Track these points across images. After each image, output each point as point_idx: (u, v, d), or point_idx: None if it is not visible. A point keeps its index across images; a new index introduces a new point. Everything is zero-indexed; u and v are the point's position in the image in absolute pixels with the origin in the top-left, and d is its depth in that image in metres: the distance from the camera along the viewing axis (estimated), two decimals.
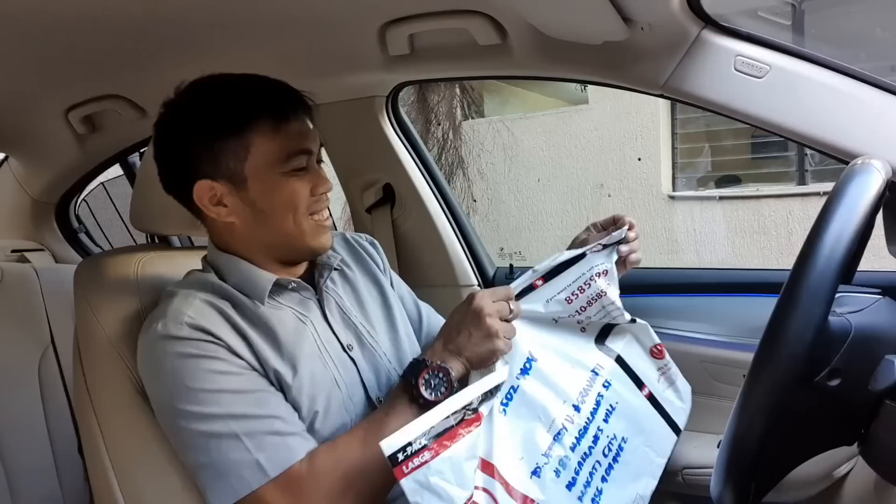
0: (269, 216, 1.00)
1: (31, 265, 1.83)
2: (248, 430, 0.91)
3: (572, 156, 6.44)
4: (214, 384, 0.93)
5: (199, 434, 0.92)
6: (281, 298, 1.04)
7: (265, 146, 0.98)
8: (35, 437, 1.65)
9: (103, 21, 1.13)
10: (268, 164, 0.98)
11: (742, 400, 0.74)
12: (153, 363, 0.97)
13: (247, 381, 0.95)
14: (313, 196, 1.01)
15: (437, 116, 6.48)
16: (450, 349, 0.95)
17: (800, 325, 0.70)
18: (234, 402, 0.92)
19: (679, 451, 1.35)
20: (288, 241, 1.03)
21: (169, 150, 1.03)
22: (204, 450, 0.92)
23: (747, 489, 0.76)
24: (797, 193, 5.49)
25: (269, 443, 0.91)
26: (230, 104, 0.98)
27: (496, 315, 0.95)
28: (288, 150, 0.98)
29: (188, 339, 0.94)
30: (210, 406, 0.92)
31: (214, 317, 0.97)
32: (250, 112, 0.97)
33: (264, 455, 0.90)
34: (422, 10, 1.15)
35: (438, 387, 0.93)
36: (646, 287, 1.49)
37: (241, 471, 0.90)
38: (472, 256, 1.70)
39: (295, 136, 0.99)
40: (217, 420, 0.92)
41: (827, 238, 0.71)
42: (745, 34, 1.06)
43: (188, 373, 0.93)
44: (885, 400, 0.75)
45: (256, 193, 0.99)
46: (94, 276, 1.15)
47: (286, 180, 0.99)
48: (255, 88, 1.00)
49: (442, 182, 1.71)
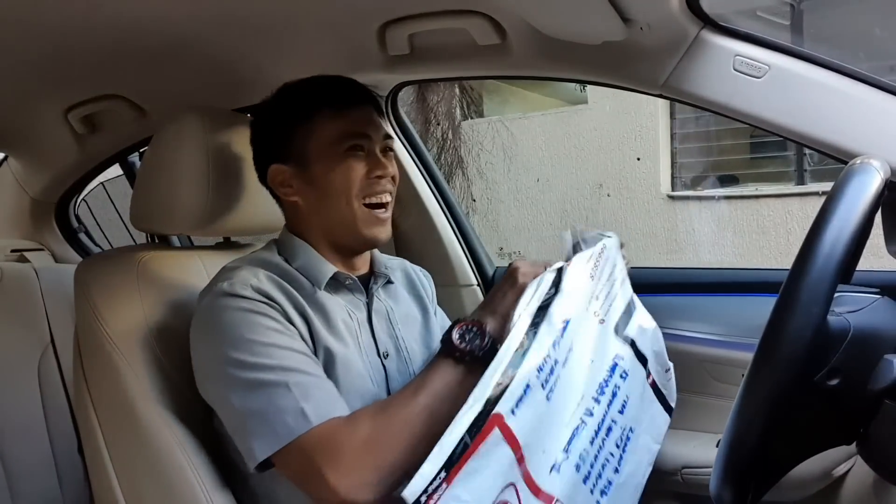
0: (326, 196, 1.08)
1: (31, 265, 1.83)
2: (297, 381, 0.94)
3: (571, 156, 6.44)
4: (270, 339, 0.97)
5: (250, 382, 0.95)
6: (338, 293, 1.10)
7: (327, 128, 1.08)
8: (35, 437, 1.65)
9: (103, 21, 1.13)
10: (328, 143, 1.07)
11: (741, 399, 0.75)
12: (211, 316, 1.01)
13: (299, 344, 0.99)
14: (368, 178, 1.07)
15: (437, 116, 6.47)
16: (486, 310, 1.01)
17: (799, 325, 0.71)
18: (286, 357, 0.96)
19: (678, 450, 1.35)
20: (343, 225, 1.09)
21: (254, 139, 1.15)
22: (253, 397, 0.94)
23: (746, 488, 0.76)
24: (796, 193, 5.49)
25: (315, 395, 0.94)
26: (300, 94, 1.11)
27: (531, 274, 0.98)
28: (346, 130, 1.07)
29: (250, 299, 0.99)
30: (263, 357, 0.95)
31: (276, 288, 1.03)
32: (316, 100, 1.09)
33: (310, 405, 0.93)
34: (421, 9, 1.15)
35: (473, 339, 0.97)
36: (645, 287, 1.48)
37: (285, 417, 0.92)
38: (471, 256, 1.70)
39: (354, 121, 1.08)
40: (269, 370, 0.95)
41: (826, 238, 0.72)
42: (744, 34, 1.06)
43: (246, 325, 0.97)
44: (883, 399, 0.76)
45: (317, 172, 1.08)
46: (94, 275, 1.15)
47: (343, 159, 1.07)
48: (323, 82, 1.12)
49: (441, 182, 1.71)
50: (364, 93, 1.12)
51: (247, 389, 0.95)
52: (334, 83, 1.12)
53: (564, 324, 0.91)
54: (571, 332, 0.93)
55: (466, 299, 1.66)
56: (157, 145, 1.22)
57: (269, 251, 1.13)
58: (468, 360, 0.96)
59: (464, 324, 0.98)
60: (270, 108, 1.13)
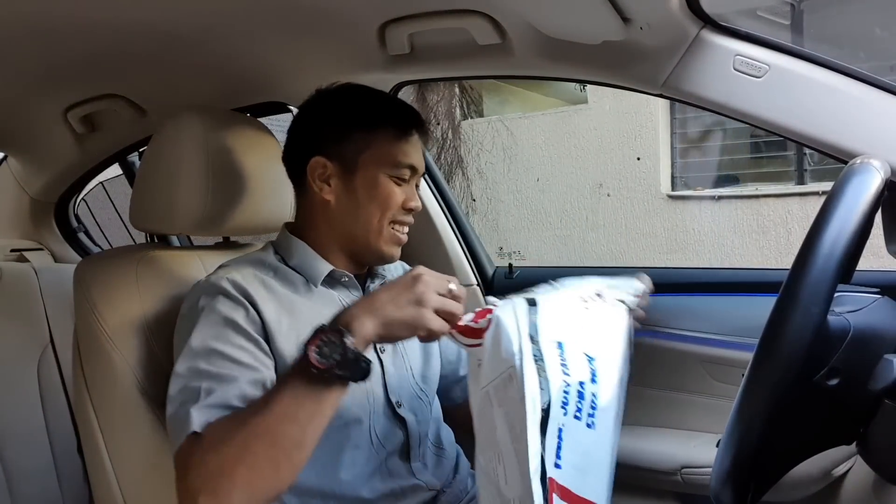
0: (361, 207, 1.09)
1: (31, 265, 1.83)
2: (209, 388, 0.92)
3: (571, 155, 6.44)
4: (215, 343, 0.96)
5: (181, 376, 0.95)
6: (332, 288, 1.11)
7: (385, 147, 1.09)
8: (34, 437, 1.65)
9: (103, 21, 1.13)
10: (381, 162, 1.09)
11: (741, 399, 0.74)
12: (185, 308, 1.05)
13: (244, 354, 0.97)
14: (404, 207, 1.11)
15: (437, 116, 6.48)
16: (366, 307, 0.89)
17: (799, 325, 0.70)
18: (220, 364, 0.95)
19: (678, 450, 1.35)
20: (366, 237, 1.10)
21: (302, 126, 1.16)
22: (176, 396, 0.95)
23: (746, 488, 0.76)
24: (796, 193, 5.49)
25: (210, 406, 0.91)
26: (369, 101, 1.14)
27: (434, 287, 0.90)
28: (400, 158, 1.10)
29: (223, 294, 1.00)
30: (201, 356, 0.96)
31: (259, 286, 1.04)
32: (384, 113, 1.12)
33: (198, 410, 0.91)
34: (421, 9, 1.15)
35: (332, 353, 0.85)
36: None
37: (178, 421, 0.92)
38: (471, 256, 1.70)
39: (409, 151, 1.11)
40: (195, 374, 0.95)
41: (826, 237, 0.72)
42: (744, 34, 1.05)
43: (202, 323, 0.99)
44: (883, 399, 0.76)
45: (360, 183, 1.09)
46: (93, 275, 1.15)
47: (388, 182, 1.09)
48: (392, 101, 1.19)
49: (441, 181, 1.71)
50: (423, 126, 1.15)
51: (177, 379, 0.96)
52: (403, 105, 1.16)
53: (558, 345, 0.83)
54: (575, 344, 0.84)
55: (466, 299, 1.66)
56: (156, 145, 1.22)
57: (265, 252, 1.14)
58: (326, 377, 0.86)
59: (324, 335, 0.86)
60: (330, 102, 1.14)
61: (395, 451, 1.08)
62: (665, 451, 1.36)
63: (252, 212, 1.25)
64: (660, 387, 1.43)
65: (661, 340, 1.39)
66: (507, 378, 0.82)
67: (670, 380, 1.40)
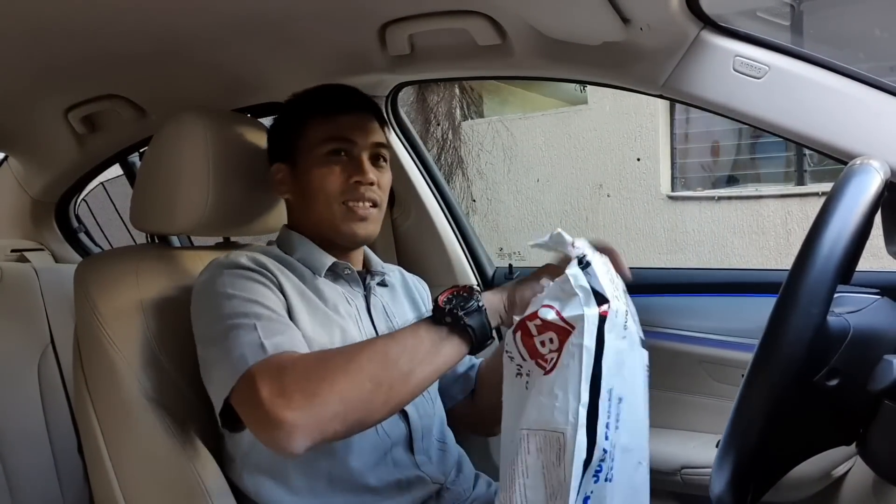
0: (309, 196, 1.13)
1: (31, 265, 1.83)
2: (265, 324, 0.96)
3: (571, 156, 6.44)
4: (254, 294, 0.99)
5: (226, 329, 0.96)
6: (335, 281, 1.14)
7: (314, 130, 1.13)
8: (34, 437, 1.65)
9: (103, 21, 1.13)
10: (312, 146, 1.12)
11: (741, 400, 0.75)
12: (206, 285, 1.04)
13: (280, 302, 1.02)
14: (348, 183, 1.10)
15: (437, 116, 6.48)
16: (496, 289, 0.97)
17: (798, 325, 0.71)
18: (262, 307, 0.98)
19: (678, 450, 1.35)
20: (323, 222, 1.13)
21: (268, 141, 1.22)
22: (225, 342, 0.95)
23: (746, 489, 0.76)
24: (796, 194, 5.49)
25: (279, 333, 0.95)
26: (300, 99, 1.18)
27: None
28: (330, 134, 1.11)
29: (246, 268, 1.03)
30: (242, 307, 0.98)
31: (276, 266, 1.07)
32: (311, 103, 1.16)
33: (270, 341, 0.93)
34: (421, 10, 1.15)
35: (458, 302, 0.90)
36: (645, 287, 1.49)
37: (244, 351, 0.92)
38: (471, 256, 1.70)
39: (340, 126, 1.12)
40: (243, 317, 0.96)
41: (826, 238, 0.72)
42: (743, 35, 1.06)
43: (234, 283, 1.01)
44: (883, 400, 0.75)
45: (301, 170, 1.13)
46: (94, 275, 1.15)
47: (325, 161, 1.11)
48: (322, 89, 1.18)
49: (441, 182, 1.71)
50: (358, 100, 1.16)
51: (223, 337, 0.96)
52: (331, 90, 1.18)
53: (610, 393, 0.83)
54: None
55: None
56: (157, 145, 1.22)
57: (270, 248, 1.18)
58: (448, 321, 0.90)
59: (456, 288, 0.94)
60: (278, 112, 1.22)
61: (399, 442, 1.08)
62: (665, 452, 1.36)
63: (252, 212, 1.25)
64: (660, 387, 1.42)
65: (661, 340, 1.39)
66: (555, 440, 0.82)
67: (670, 380, 1.40)
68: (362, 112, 1.15)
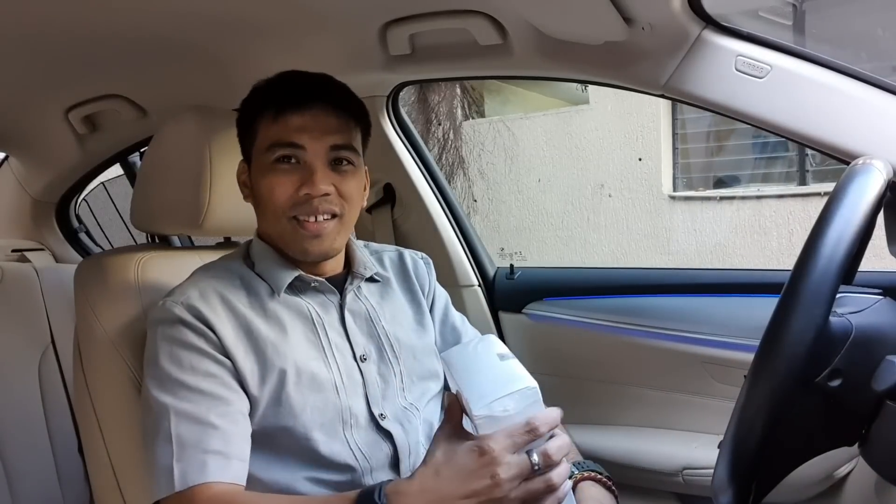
0: (259, 203, 1.03)
1: (32, 265, 1.83)
2: (185, 432, 0.90)
3: (573, 156, 6.44)
4: (182, 374, 0.93)
5: (151, 423, 0.93)
6: (304, 295, 1.04)
7: (263, 132, 1.01)
8: (35, 437, 1.65)
9: (103, 21, 1.13)
10: (260, 150, 1.01)
11: (743, 400, 0.74)
12: (148, 342, 1.00)
13: (210, 383, 0.93)
14: (297, 194, 0.97)
15: (438, 116, 6.48)
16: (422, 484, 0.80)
17: (801, 326, 0.70)
18: (185, 406, 0.92)
19: (679, 451, 1.35)
20: (276, 238, 1.03)
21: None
22: (148, 436, 0.93)
23: (748, 490, 0.76)
24: (798, 194, 5.49)
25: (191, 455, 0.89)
26: (252, 95, 1.04)
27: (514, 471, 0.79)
28: (275, 139, 0.98)
29: (183, 323, 0.96)
30: (165, 398, 0.92)
31: (219, 304, 0.98)
32: (260, 101, 1.02)
33: (180, 466, 0.89)
34: (422, 10, 1.15)
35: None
36: (646, 287, 1.49)
37: (160, 471, 0.90)
38: (472, 256, 1.70)
39: (288, 128, 0.97)
40: (164, 416, 0.91)
41: (828, 238, 0.71)
42: (746, 34, 1.05)
43: (167, 351, 0.95)
44: (885, 400, 0.75)
45: (253, 178, 1.03)
46: (94, 275, 1.15)
47: (271, 170, 0.99)
48: (274, 81, 1.02)
49: (442, 182, 1.71)
50: (317, 93, 0.99)
51: (148, 433, 0.93)
52: (282, 83, 1.01)
53: None
54: None
55: (467, 300, 1.66)
56: (157, 145, 1.21)
57: (237, 256, 1.08)
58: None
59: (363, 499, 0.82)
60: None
61: (383, 465, 0.99)
62: (666, 452, 1.35)
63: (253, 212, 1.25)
64: (661, 388, 1.43)
65: (663, 341, 1.39)
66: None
67: (671, 381, 1.40)
68: (320, 107, 0.98)
